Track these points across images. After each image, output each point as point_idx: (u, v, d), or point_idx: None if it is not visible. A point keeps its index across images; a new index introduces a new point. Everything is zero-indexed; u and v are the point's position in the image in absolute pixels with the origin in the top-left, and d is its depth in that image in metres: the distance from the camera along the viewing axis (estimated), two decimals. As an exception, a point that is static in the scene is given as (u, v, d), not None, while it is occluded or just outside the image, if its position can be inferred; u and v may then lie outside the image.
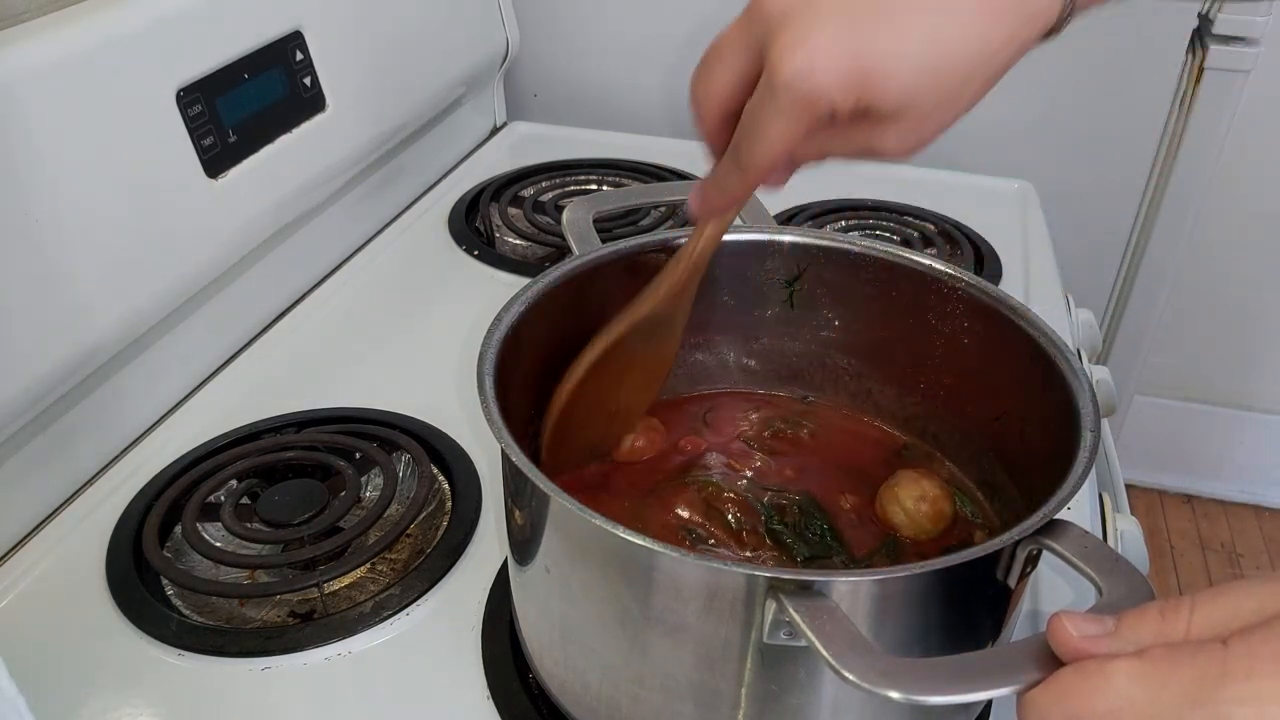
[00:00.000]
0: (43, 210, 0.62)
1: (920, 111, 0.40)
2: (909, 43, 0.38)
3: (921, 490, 0.54)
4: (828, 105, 0.39)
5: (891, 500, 0.55)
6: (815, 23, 0.38)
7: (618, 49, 1.30)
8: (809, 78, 0.38)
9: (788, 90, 0.39)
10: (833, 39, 0.38)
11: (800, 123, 0.40)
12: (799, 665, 0.41)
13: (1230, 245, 1.54)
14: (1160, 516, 1.78)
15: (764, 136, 0.41)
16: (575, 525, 0.43)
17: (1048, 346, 0.51)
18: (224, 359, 0.83)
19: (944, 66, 0.39)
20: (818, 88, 0.38)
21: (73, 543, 0.64)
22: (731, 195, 0.46)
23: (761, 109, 0.41)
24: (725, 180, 0.45)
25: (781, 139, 0.41)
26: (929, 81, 0.39)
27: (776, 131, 0.41)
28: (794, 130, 0.40)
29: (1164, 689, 0.29)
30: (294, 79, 0.84)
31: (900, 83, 0.38)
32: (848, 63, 0.38)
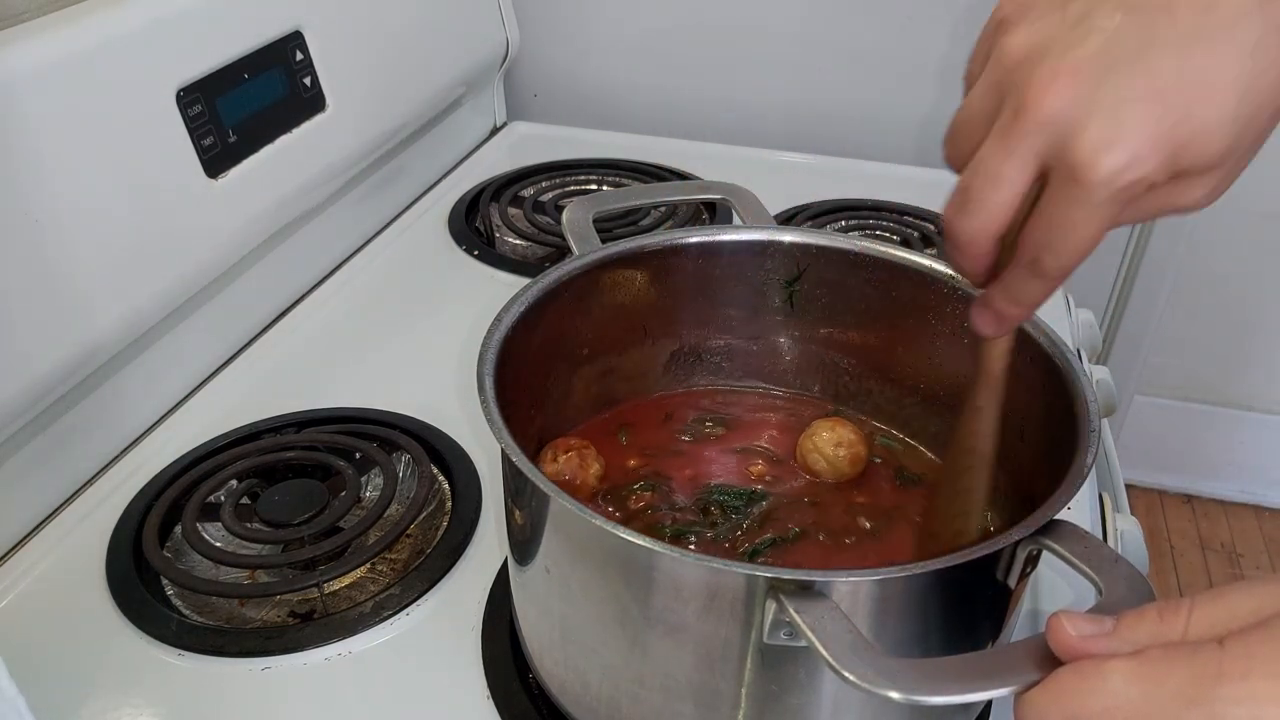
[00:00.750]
0: (43, 210, 0.62)
1: (1235, 160, 0.37)
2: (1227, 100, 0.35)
3: (838, 437, 0.59)
4: (1146, 186, 0.36)
5: (811, 450, 0.59)
6: (1119, 112, 0.35)
7: (618, 49, 1.30)
8: (1130, 169, 0.35)
9: (1105, 188, 0.36)
10: (1144, 121, 0.35)
11: (1117, 212, 0.37)
12: (799, 665, 0.41)
13: (1230, 245, 1.54)
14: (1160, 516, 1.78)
15: (1075, 240, 0.38)
16: (575, 525, 0.43)
17: (1048, 346, 0.51)
18: (224, 359, 0.83)
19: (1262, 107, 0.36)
20: (1140, 175, 0.35)
21: (73, 543, 0.64)
22: (1031, 305, 0.42)
23: (1068, 215, 0.37)
24: (1023, 292, 0.41)
25: (1095, 236, 0.38)
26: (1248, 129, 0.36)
27: (1089, 231, 0.37)
28: (1109, 223, 0.37)
29: (1160, 689, 0.29)
30: (294, 79, 0.84)
31: (1222, 142, 0.36)
32: (1166, 138, 0.35)
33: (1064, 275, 0.39)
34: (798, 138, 1.25)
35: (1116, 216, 0.37)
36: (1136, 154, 0.35)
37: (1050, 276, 0.40)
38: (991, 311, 0.43)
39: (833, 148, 1.21)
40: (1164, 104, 0.35)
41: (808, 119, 1.27)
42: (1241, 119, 0.36)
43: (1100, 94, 0.35)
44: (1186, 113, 0.35)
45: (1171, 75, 0.35)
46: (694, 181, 1.05)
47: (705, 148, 1.20)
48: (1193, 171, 0.37)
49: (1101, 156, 0.35)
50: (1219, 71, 0.35)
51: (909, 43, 1.20)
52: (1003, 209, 0.39)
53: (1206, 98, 0.35)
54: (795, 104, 1.27)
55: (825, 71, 1.24)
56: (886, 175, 1.11)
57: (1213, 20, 0.35)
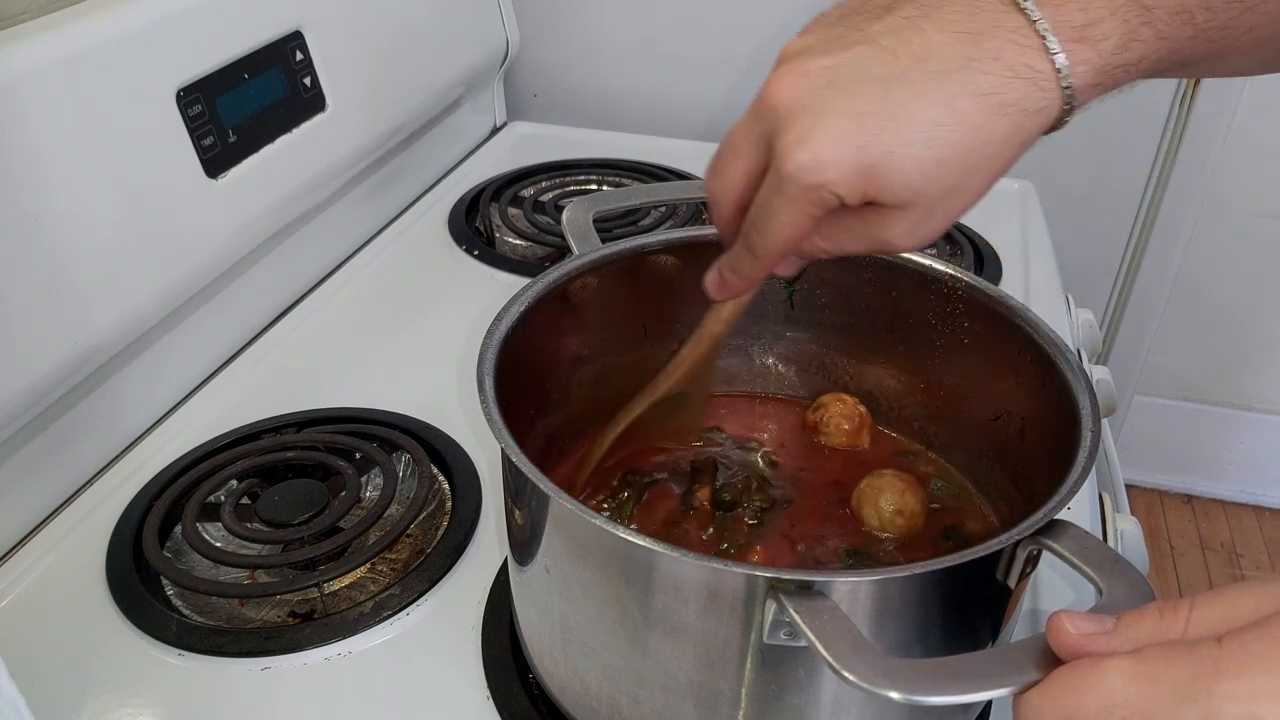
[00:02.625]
0: (43, 210, 0.62)
1: (926, 204, 0.40)
2: (913, 139, 0.39)
3: (902, 503, 0.55)
4: (834, 196, 0.40)
5: (869, 503, 0.56)
6: (821, 118, 0.39)
7: (618, 49, 1.30)
8: (815, 171, 0.39)
9: (794, 182, 0.40)
10: (838, 134, 0.39)
11: (807, 213, 0.41)
12: (799, 665, 0.41)
13: (1230, 245, 1.54)
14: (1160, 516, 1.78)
15: (773, 224, 0.42)
16: (575, 525, 0.43)
17: (1048, 346, 0.51)
18: (224, 359, 0.83)
19: (947, 160, 0.39)
20: (823, 181, 0.39)
21: (73, 543, 0.64)
22: (745, 278, 0.47)
23: (770, 199, 0.42)
24: (739, 264, 0.46)
25: (789, 227, 0.42)
26: (933, 174, 0.39)
27: (785, 220, 0.42)
28: (801, 220, 0.41)
29: (1158, 686, 0.29)
30: (294, 79, 0.84)
31: (905, 178, 0.39)
32: (852, 156, 0.39)
33: (767, 255, 0.44)
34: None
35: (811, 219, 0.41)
36: (821, 160, 0.39)
37: (756, 253, 0.44)
38: (717, 274, 0.48)
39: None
40: (858, 124, 0.39)
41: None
42: (930, 160, 0.39)
43: (814, 100, 0.40)
44: (875, 140, 0.39)
45: (873, 104, 0.39)
46: (694, 181, 1.04)
47: (705, 148, 1.18)
48: (884, 203, 0.40)
49: (793, 150, 0.40)
50: (914, 113, 0.39)
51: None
52: (735, 177, 0.44)
53: (895, 132, 0.39)
54: (795, 104, 1.26)
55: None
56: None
57: (921, 71, 0.39)
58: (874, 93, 0.39)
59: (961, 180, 0.40)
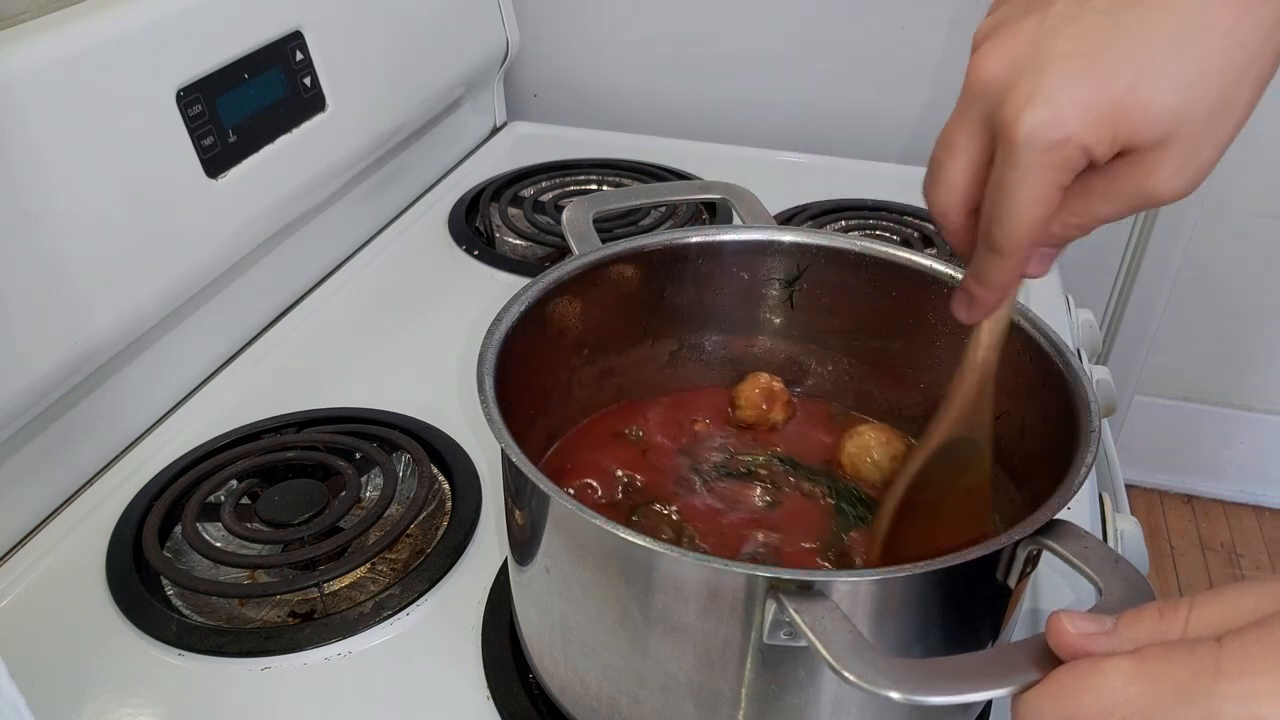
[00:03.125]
0: (43, 210, 0.62)
1: (1191, 133, 0.35)
2: (1159, 61, 0.33)
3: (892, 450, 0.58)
4: (1080, 151, 0.35)
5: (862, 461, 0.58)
6: (1047, 70, 0.34)
7: (618, 49, 1.30)
8: (1054, 126, 0.34)
9: (1030, 147, 0.35)
10: (1070, 78, 0.34)
11: (1052, 179, 0.35)
12: (799, 665, 0.41)
13: (1230, 245, 1.54)
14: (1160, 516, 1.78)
15: (1015, 207, 0.36)
16: (575, 525, 0.43)
17: (1048, 346, 0.51)
18: (224, 359, 0.83)
19: (1206, 74, 0.34)
20: (1067, 135, 0.34)
21: (73, 543, 0.64)
22: (998, 286, 0.41)
23: (1006, 179, 0.36)
24: (986, 272, 0.40)
25: (1036, 204, 0.36)
26: (1192, 96, 0.34)
27: (1028, 197, 0.36)
28: (1047, 191, 0.36)
29: (1158, 686, 0.29)
30: (294, 79, 0.84)
31: (1160, 106, 0.34)
32: (1093, 97, 0.34)
33: (1015, 249, 0.38)
34: (798, 138, 1.25)
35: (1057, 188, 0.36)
36: (1058, 113, 0.34)
37: (1002, 250, 0.39)
38: (964, 293, 0.43)
39: (833, 148, 1.21)
40: (1090, 63, 0.34)
41: (807, 119, 1.27)
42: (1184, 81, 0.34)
43: (1031, 55, 0.35)
44: (1116, 72, 0.33)
45: (1101, 36, 0.34)
46: (694, 181, 1.05)
47: (705, 148, 1.20)
48: (1140, 144, 0.35)
49: (1023, 112, 0.35)
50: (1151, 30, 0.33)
51: (908, 43, 1.20)
52: (960, 177, 0.39)
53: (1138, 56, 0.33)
54: (795, 104, 1.27)
55: (825, 71, 1.24)
56: (886, 175, 1.11)
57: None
58: (1097, 24, 0.34)
59: (1227, 93, 0.34)
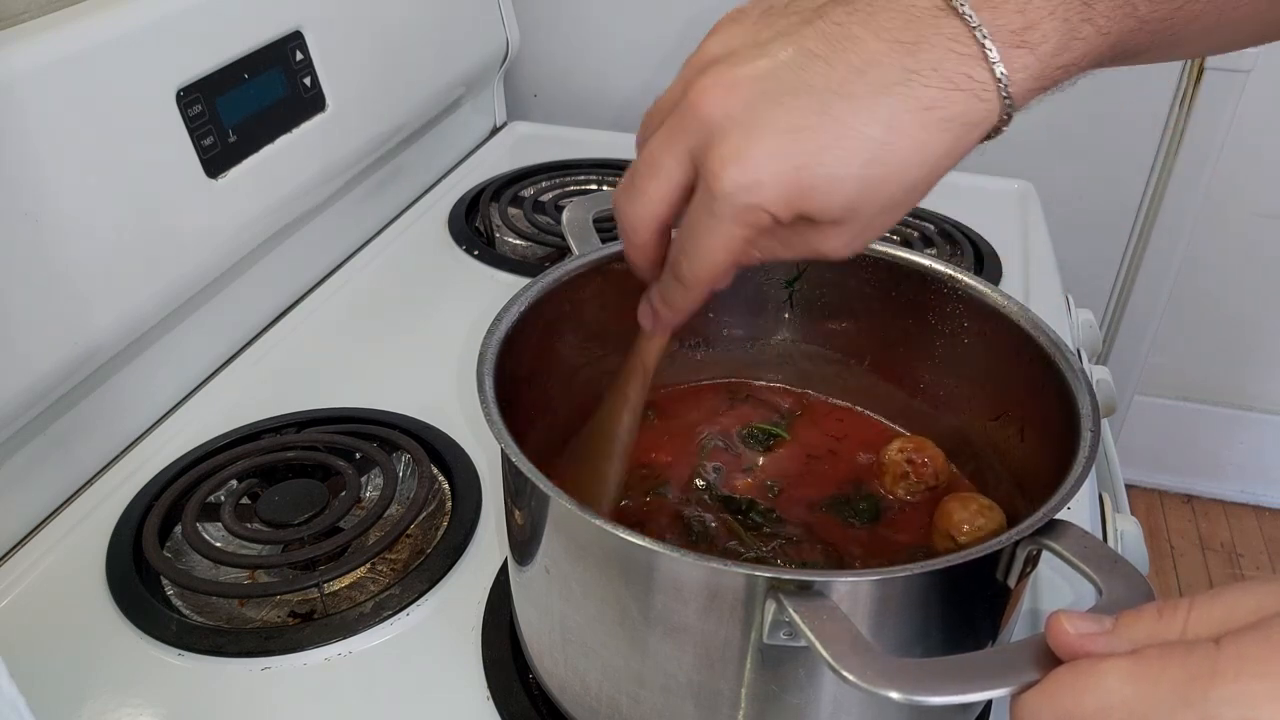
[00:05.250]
0: (43, 210, 0.62)
1: (863, 219, 0.39)
2: (852, 159, 0.37)
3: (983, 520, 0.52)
4: (768, 218, 0.38)
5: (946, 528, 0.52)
6: (755, 132, 0.37)
7: (618, 49, 1.30)
8: (751, 191, 0.37)
9: (728, 202, 0.38)
10: (775, 151, 0.37)
11: (741, 235, 0.39)
12: (799, 665, 0.41)
13: (1230, 245, 1.54)
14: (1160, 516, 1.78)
15: (706, 249, 0.40)
16: (575, 525, 0.43)
17: (1048, 346, 0.51)
18: (224, 359, 0.83)
19: (888, 178, 0.38)
20: (759, 201, 0.37)
21: (73, 543, 0.64)
22: (679, 309, 0.45)
23: (700, 222, 0.39)
24: (670, 296, 0.44)
25: (723, 250, 0.40)
26: (872, 193, 0.38)
27: (718, 243, 0.39)
28: (735, 243, 0.39)
29: (1155, 688, 0.29)
30: (294, 79, 0.84)
31: (843, 197, 0.38)
32: (789, 176, 0.37)
33: (699, 285, 0.41)
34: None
35: (746, 241, 0.39)
36: (757, 179, 0.37)
37: (687, 283, 0.41)
38: (648, 306, 0.46)
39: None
40: (794, 141, 0.37)
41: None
42: (870, 180, 0.37)
43: (747, 113, 0.37)
44: (813, 159, 0.37)
45: (810, 118, 0.37)
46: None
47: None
48: (820, 219, 0.38)
49: (727, 168, 0.37)
50: (852, 130, 0.36)
51: (909, 43, 1.20)
52: (658, 198, 0.41)
53: (836, 149, 0.37)
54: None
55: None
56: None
57: (861, 84, 0.37)
58: (810, 106, 0.37)
59: (900, 196, 0.39)
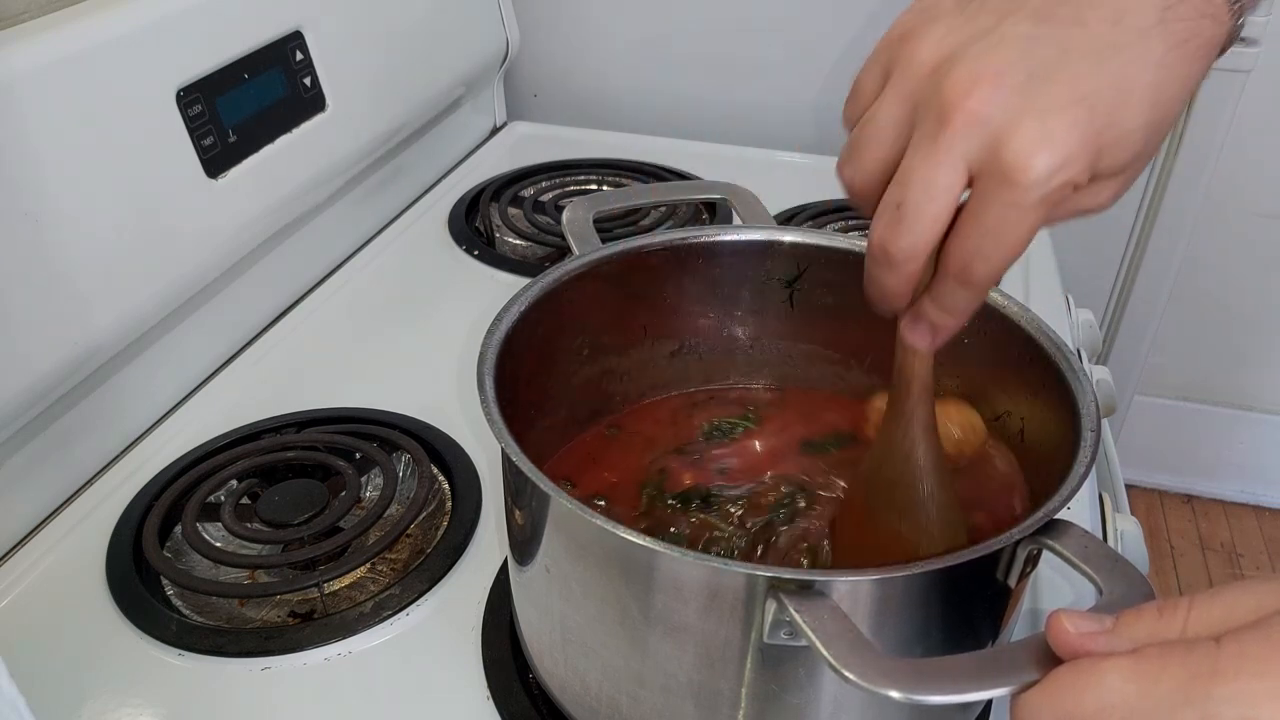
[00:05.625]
0: (43, 210, 0.62)
1: (1139, 165, 0.39)
2: (1141, 109, 0.37)
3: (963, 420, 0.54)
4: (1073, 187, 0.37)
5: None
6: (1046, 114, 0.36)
7: (618, 49, 1.30)
8: (1064, 169, 0.36)
9: (1040, 188, 0.36)
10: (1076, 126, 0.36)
11: (1045, 216, 0.37)
12: (799, 665, 0.41)
13: (1230, 245, 1.54)
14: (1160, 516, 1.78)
15: (1011, 243, 0.38)
16: (575, 525, 0.43)
17: (1048, 346, 0.51)
18: (224, 359, 0.83)
19: (1166, 119, 0.38)
20: (1070, 177, 0.36)
21: (73, 543, 0.64)
22: (965, 314, 0.42)
23: (1003, 217, 0.37)
24: (955, 302, 0.41)
25: (1025, 239, 0.38)
26: (1155, 137, 0.39)
27: (1022, 234, 0.38)
28: (1039, 226, 0.38)
29: (1156, 687, 0.29)
30: (294, 79, 0.84)
31: (1135, 148, 0.38)
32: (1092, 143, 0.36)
33: (994, 281, 0.40)
34: (798, 138, 1.25)
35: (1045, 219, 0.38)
36: (1068, 156, 0.36)
37: (981, 284, 0.40)
38: (926, 324, 0.43)
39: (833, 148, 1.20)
40: (1089, 109, 0.36)
41: (807, 119, 1.27)
42: (1153, 123, 0.38)
43: (1026, 99, 0.36)
44: (1109, 119, 0.37)
45: (1092, 82, 0.36)
46: (694, 181, 1.05)
47: (705, 148, 1.20)
48: (1107, 174, 0.38)
49: (1035, 159, 0.36)
50: (1134, 80, 0.37)
51: (909, 43, 1.20)
52: (940, 219, 0.38)
53: (1125, 104, 0.37)
54: (795, 104, 1.27)
55: (824, 71, 1.24)
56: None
57: (1122, 34, 0.36)
58: (1086, 69, 0.36)
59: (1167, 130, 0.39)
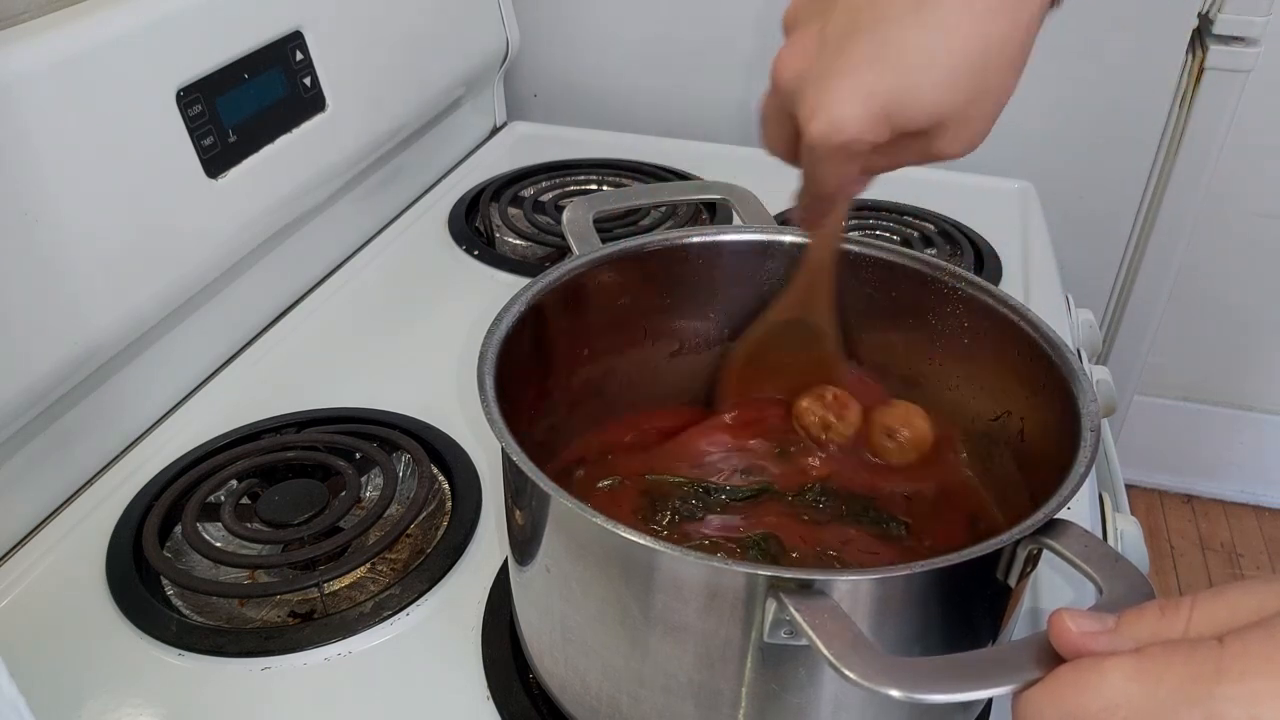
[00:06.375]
0: (43, 210, 0.62)
1: (955, 116, 0.42)
2: (917, 69, 0.40)
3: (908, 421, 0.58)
4: (865, 145, 0.42)
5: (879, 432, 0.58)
6: (823, 82, 0.41)
7: (618, 49, 1.30)
8: (836, 133, 0.41)
9: (821, 146, 0.42)
10: (844, 92, 0.41)
11: (847, 164, 0.43)
12: (799, 664, 0.41)
13: (1230, 245, 1.54)
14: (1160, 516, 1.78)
15: (820, 179, 0.45)
16: (575, 525, 0.43)
17: (1048, 346, 0.51)
18: (224, 359, 0.83)
19: (959, 72, 0.40)
20: (848, 138, 0.41)
21: (73, 543, 0.64)
22: (819, 212, 0.50)
23: (810, 162, 0.45)
24: (812, 205, 0.49)
25: (835, 177, 0.45)
26: (950, 91, 0.41)
27: (830, 175, 0.45)
28: (844, 170, 0.44)
29: (1159, 686, 0.29)
30: (294, 79, 0.84)
31: (927, 105, 0.41)
32: (864, 107, 0.40)
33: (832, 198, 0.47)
34: (798, 138, 1.25)
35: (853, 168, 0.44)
36: (837, 122, 0.41)
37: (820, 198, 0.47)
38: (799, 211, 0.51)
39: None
40: (859, 78, 0.40)
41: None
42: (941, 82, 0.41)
43: (813, 67, 0.42)
44: (879, 83, 0.40)
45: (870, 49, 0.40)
46: (694, 181, 1.05)
47: (705, 148, 1.20)
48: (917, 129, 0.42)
49: (811, 122, 0.42)
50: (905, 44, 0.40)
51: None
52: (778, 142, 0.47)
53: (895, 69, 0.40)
54: (795, 104, 1.27)
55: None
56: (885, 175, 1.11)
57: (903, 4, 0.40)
58: (869, 40, 0.40)
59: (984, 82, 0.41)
